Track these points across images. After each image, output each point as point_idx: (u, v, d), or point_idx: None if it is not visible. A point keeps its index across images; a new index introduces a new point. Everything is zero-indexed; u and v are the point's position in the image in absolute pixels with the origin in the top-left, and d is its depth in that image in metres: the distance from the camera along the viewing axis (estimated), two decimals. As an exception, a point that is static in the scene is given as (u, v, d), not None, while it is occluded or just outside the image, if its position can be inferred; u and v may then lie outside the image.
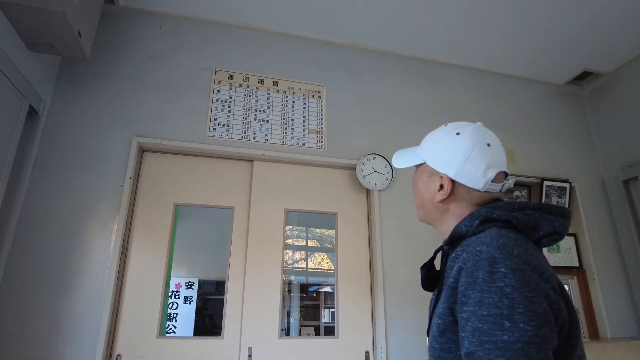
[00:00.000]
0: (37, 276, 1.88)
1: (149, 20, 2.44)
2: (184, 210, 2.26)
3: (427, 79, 2.86)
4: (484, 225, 0.81)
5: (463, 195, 0.87)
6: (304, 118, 2.49)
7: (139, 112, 2.24)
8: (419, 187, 0.94)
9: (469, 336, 0.67)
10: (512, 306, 0.65)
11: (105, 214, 2.03)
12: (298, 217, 2.49)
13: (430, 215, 0.93)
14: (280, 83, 2.52)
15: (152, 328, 1.99)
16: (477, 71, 3.00)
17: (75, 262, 1.94)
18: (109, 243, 2.00)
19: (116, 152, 2.13)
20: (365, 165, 2.44)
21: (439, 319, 0.77)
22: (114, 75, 2.27)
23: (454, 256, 0.81)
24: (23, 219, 1.93)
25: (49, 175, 2.02)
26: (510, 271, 0.68)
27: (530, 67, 2.99)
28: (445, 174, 0.87)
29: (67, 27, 1.76)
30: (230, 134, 2.33)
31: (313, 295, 2.81)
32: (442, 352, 0.76)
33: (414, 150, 0.98)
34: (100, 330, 1.86)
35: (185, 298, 2.69)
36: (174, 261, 2.20)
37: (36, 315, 1.83)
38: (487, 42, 2.72)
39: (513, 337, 0.63)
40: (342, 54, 2.73)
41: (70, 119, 2.14)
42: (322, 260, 2.83)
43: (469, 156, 0.85)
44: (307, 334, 2.52)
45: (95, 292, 1.92)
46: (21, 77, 1.85)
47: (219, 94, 2.39)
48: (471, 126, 0.90)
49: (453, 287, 0.75)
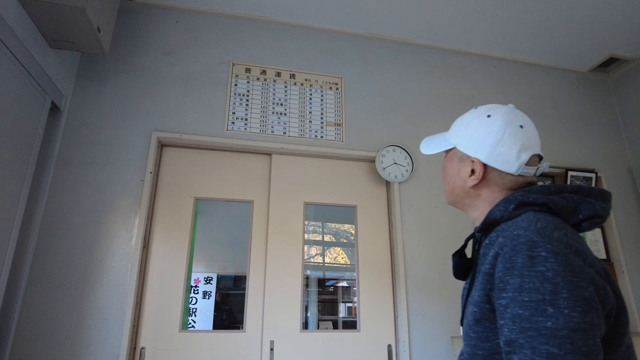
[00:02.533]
0: (62, 271, 1.90)
1: (166, 15, 2.45)
2: (203, 204, 2.27)
3: (447, 69, 2.80)
4: (520, 209, 0.78)
5: (496, 179, 0.84)
6: (322, 110, 2.47)
7: (157, 107, 2.25)
8: (449, 172, 0.91)
9: (509, 323, 0.64)
10: (555, 291, 0.62)
11: (127, 209, 2.05)
12: (314, 212, 2.47)
13: (461, 201, 0.90)
14: (297, 75, 2.50)
15: (174, 322, 2.01)
16: (497, 60, 2.93)
17: (98, 257, 1.96)
18: (130, 237, 2.01)
19: (136, 147, 2.15)
20: (385, 157, 2.40)
21: (474, 307, 0.74)
22: (133, 70, 2.29)
23: (488, 242, 0.78)
24: (47, 215, 1.96)
25: (71, 171, 2.05)
26: (551, 255, 0.64)
27: (553, 54, 2.90)
28: (476, 158, 0.84)
29: (87, 22, 1.77)
30: (248, 128, 2.33)
31: (330, 290, 2.80)
32: (479, 340, 0.73)
33: (442, 135, 0.95)
34: (124, 324, 1.88)
35: (204, 293, 2.70)
36: (193, 256, 2.21)
37: (62, 309, 1.86)
38: (508, 29, 2.65)
39: (558, 323, 0.60)
40: (359, 44, 2.69)
41: (90, 115, 2.16)
42: (337, 255, 2.82)
43: (502, 139, 0.82)
44: (326, 328, 2.51)
45: (118, 286, 1.93)
46: (43, 73, 1.88)
47: (237, 87, 2.39)
48: (502, 108, 0.87)
49: (489, 274, 0.72)
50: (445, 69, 2.80)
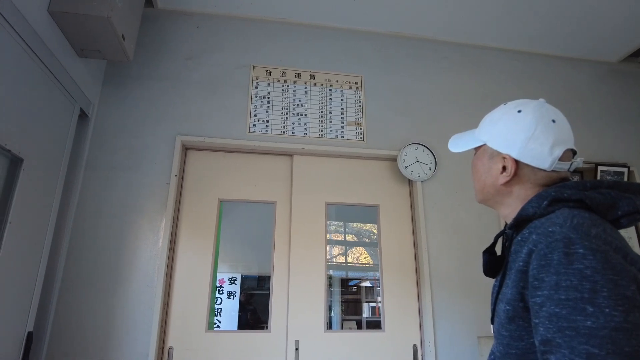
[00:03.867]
0: (93, 272, 1.96)
1: (187, 20, 2.49)
2: (227, 205, 2.30)
3: (468, 65, 2.76)
4: (553, 206, 0.76)
5: (528, 175, 0.82)
6: (342, 110, 2.47)
7: (181, 111, 2.29)
8: (479, 170, 0.90)
9: (545, 322, 0.63)
10: (595, 289, 0.60)
11: (153, 212, 2.09)
12: (336, 212, 2.47)
13: (492, 198, 0.88)
14: (317, 76, 2.51)
15: (201, 322, 2.04)
16: (520, 54, 2.87)
17: (126, 258, 2.01)
18: (157, 239, 2.05)
19: (161, 151, 2.19)
20: (407, 156, 2.38)
21: (507, 305, 0.73)
22: (156, 76, 2.33)
23: (520, 239, 0.77)
24: (78, 218, 2.02)
25: (99, 175, 2.10)
26: (589, 252, 0.63)
27: (579, 45, 2.82)
28: (507, 154, 0.83)
29: (112, 31, 1.82)
30: (269, 130, 2.34)
31: (353, 290, 2.79)
32: (512, 340, 0.72)
33: (471, 132, 0.93)
34: (153, 324, 1.92)
35: (229, 293, 2.73)
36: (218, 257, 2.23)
37: (94, 309, 1.91)
38: (530, 21, 2.58)
39: (598, 322, 0.58)
40: (378, 42, 2.68)
41: (116, 121, 2.21)
42: (360, 255, 2.81)
43: (533, 134, 0.80)
44: (349, 328, 2.50)
45: (146, 287, 1.98)
46: (72, 82, 1.93)
47: (257, 90, 2.41)
48: (533, 103, 0.86)
49: (522, 271, 0.71)
50: (466, 64, 2.75)
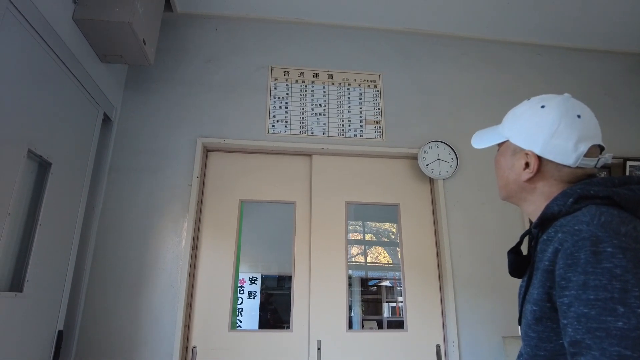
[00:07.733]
0: (118, 273, 2.01)
1: (205, 24, 2.52)
2: (248, 206, 2.32)
3: (488, 61, 2.70)
4: (580, 203, 0.74)
5: (552, 172, 0.80)
6: (361, 109, 2.46)
7: (201, 114, 2.32)
8: (502, 166, 0.88)
9: (574, 323, 0.61)
10: (626, 289, 0.58)
11: (176, 213, 2.13)
12: (355, 211, 2.46)
13: (516, 195, 0.86)
14: (335, 75, 2.51)
15: (223, 321, 2.06)
16: (542, 48, 2.80)
17: (150, 259, 2.05)
18: (180, 240, 2.09)
19: (183, 153, 2.23)
20: (428, 154, 2.36)
21: (533, 306, 0.71)
22: (176, 79, 2.37)
23: (546, 238, 0.75)
24: (103, 220, 2.07)
25: (122, 178, 2.15)
26: (619, 250, 0.61)
27: (604, 37, 2.73)
28: (530, 150, 0.81)
29: (133, 36, 1.86)
30: (288, 130, 2.35)
31: (373, 290, 2.78)
32: (540, 341, 0.70)
33: (495, 128, 0.92)
34: (177, 324, 1.95)
35: (250, 293, 2.75)
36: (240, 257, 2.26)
37: (120, 309, 1.96)
38: (553, 13, 2.51)
39: (630, 323, 0.56)
40: (396, 40, 2.65)
41: (138, 124, 2.26)
42: (379, 254, 2.79)
43: (557, 129, 0.78)
44: (370, 328, 2.49)
45: (170, 287, 2.01)
46: (96, 87, 1.99)
47: (276, 91, 2.42)
48: (557, 98, 0.84)
49: (549, 271, 0.69)
50: (486, 60, 2.70)
